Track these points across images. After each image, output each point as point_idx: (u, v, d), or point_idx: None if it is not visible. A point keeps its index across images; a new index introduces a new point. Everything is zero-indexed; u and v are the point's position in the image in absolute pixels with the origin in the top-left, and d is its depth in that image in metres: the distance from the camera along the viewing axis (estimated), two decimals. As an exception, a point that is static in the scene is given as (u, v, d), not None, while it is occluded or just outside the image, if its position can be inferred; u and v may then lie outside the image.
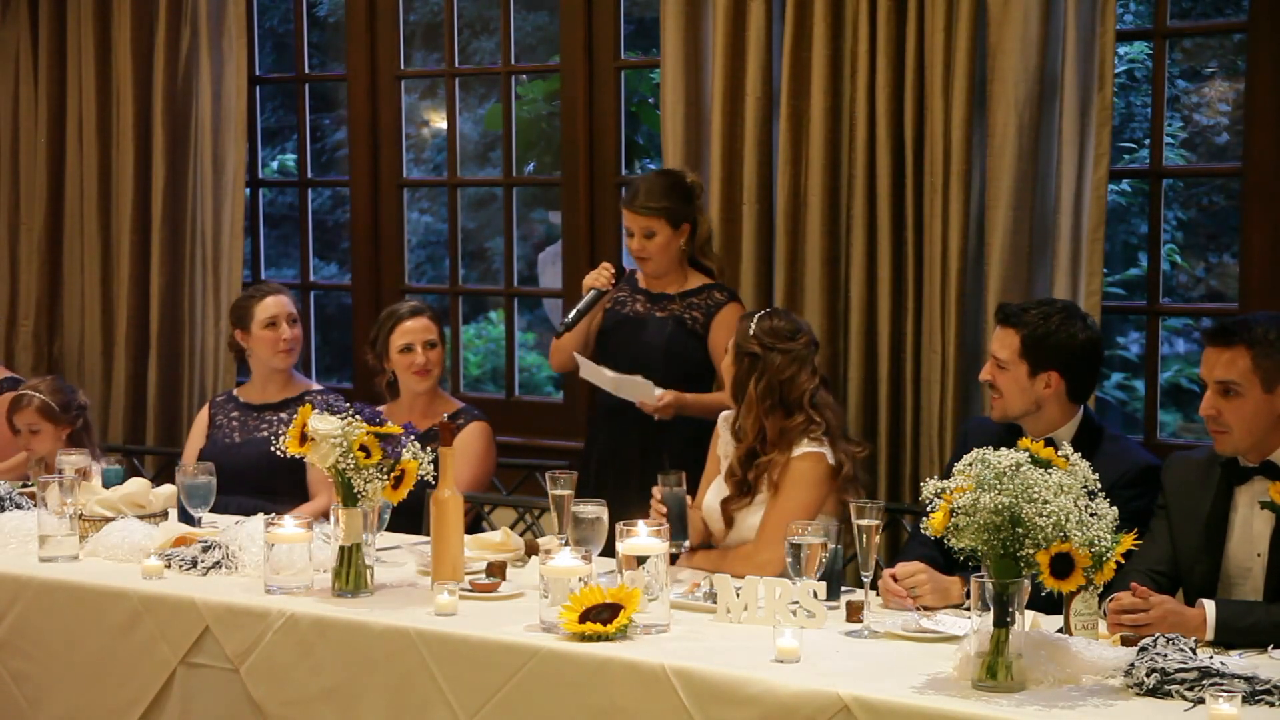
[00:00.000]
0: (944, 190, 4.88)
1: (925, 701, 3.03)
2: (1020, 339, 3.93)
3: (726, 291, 4.96)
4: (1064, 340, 3.92)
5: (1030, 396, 3.94)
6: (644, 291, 5.01)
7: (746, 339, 4.26)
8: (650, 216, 4.87)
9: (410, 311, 5.11)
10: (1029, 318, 3.94)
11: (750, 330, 4.27)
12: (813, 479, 4.17)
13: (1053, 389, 3.93)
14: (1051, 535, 3.02)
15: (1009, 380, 3.95)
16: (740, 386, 4.26)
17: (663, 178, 4.98)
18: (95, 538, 4.35)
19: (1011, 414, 3.97)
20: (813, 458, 4.18)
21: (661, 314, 4.94)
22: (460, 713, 3.53)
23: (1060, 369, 3.92)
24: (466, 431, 5.01)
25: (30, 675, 4.18)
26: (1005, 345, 3.96)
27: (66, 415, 5.40)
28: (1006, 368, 3.95)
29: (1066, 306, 4.04)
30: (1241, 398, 3.55)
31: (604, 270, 4.97)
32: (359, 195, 6.35)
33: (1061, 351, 3.92)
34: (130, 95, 6.42)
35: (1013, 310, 4.00)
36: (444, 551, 3.89)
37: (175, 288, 6.45)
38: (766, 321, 4.28)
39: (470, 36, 9.11)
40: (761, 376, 4.22)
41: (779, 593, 3.54)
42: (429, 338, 5.07)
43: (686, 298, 4.93)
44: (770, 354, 4.23)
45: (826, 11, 5.02)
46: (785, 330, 4.28)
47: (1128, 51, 7.99)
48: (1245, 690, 2.96)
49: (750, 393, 4.23)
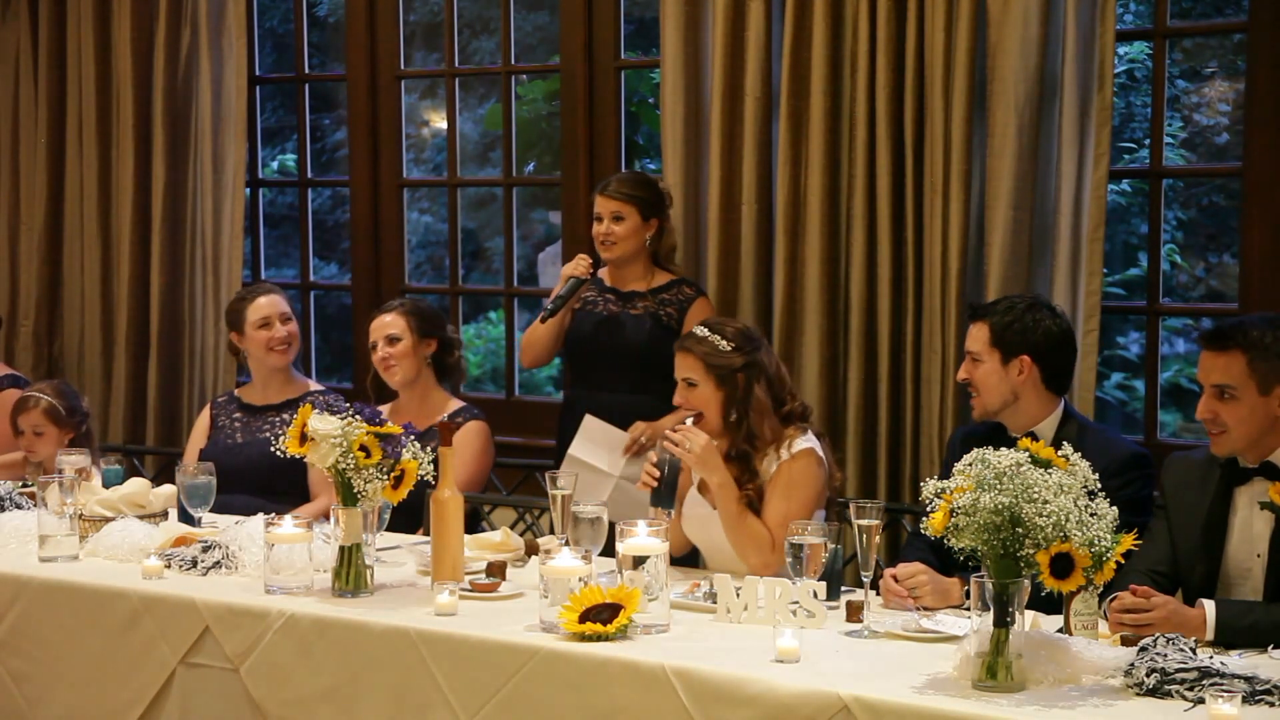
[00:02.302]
0: (944, 190, 4.88)
1: (925, 701, 3.03)
2: (989, 328, 4.01)
3: (694, 287, 5.07)
4: (1030, 325, 4.00)
5: (1006, 386, 3.99)
6: (613, 290, 5.04)
7: (726, 356, 4.13)
8: (621, 201, 4.97)
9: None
10: (997, 308, 4.05)
11: (723, 346, 4.14)
12: (810, 476, 4.13)
13: (1026, 375, 3.98)
14: (1051, 535, 3.03)
15: (985, 373, 4.01)
16: (740, 402, 4.13)
17: (638, 174, 5.16)
18: (95, 538, 4.35)
19: (991, 408, 4.01)
20: (805, 454, 4.13)
21: (635, 312, 4.98)
22: (460, 713, 3.53)
23: (1031, 353, 3.97)
24: (464, 430, 5.01)
25: (30, 675, 4.18)
26: (976, 338, 4.04)
27: (71, 420, 5.40)
28: (981, 359, 4.02)
29: (1034, 298, 4.15)
30: (1238, 401, 3.56)
31: (581, 260, 5.03)
32: (359, 195, 6.35)
33: (1029, 335, 3.99)
34: (130, 95, 6.42)
35: (980, 305, 4.12)
36: (444, 551, 3.89)
37: (175, 288, 6.46)
38: (728, 330, 4.19)
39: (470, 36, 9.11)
40: (760, 378, 4.15)
41: (779, 593, 3.54)
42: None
43: (658, 294, 5.01)
44: (757, 354, 4.17)
45: (826, 11, 5.02)
46: (745, 331, 4.23)
47: (1128, 51, 7.99)
48: (1245, 690, 2.96)
49: (760, 399, 4.13)
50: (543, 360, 5.17)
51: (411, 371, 5.08)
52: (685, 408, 4.17)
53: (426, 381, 5.11)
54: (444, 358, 5.15)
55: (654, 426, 4.80)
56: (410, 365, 5.07)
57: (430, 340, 5.11)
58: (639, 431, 4.83)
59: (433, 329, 5.12)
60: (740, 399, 4.12)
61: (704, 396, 4.14)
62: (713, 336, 4.16)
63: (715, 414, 4.14)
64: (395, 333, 5.07)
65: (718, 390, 4.13)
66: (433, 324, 5.13)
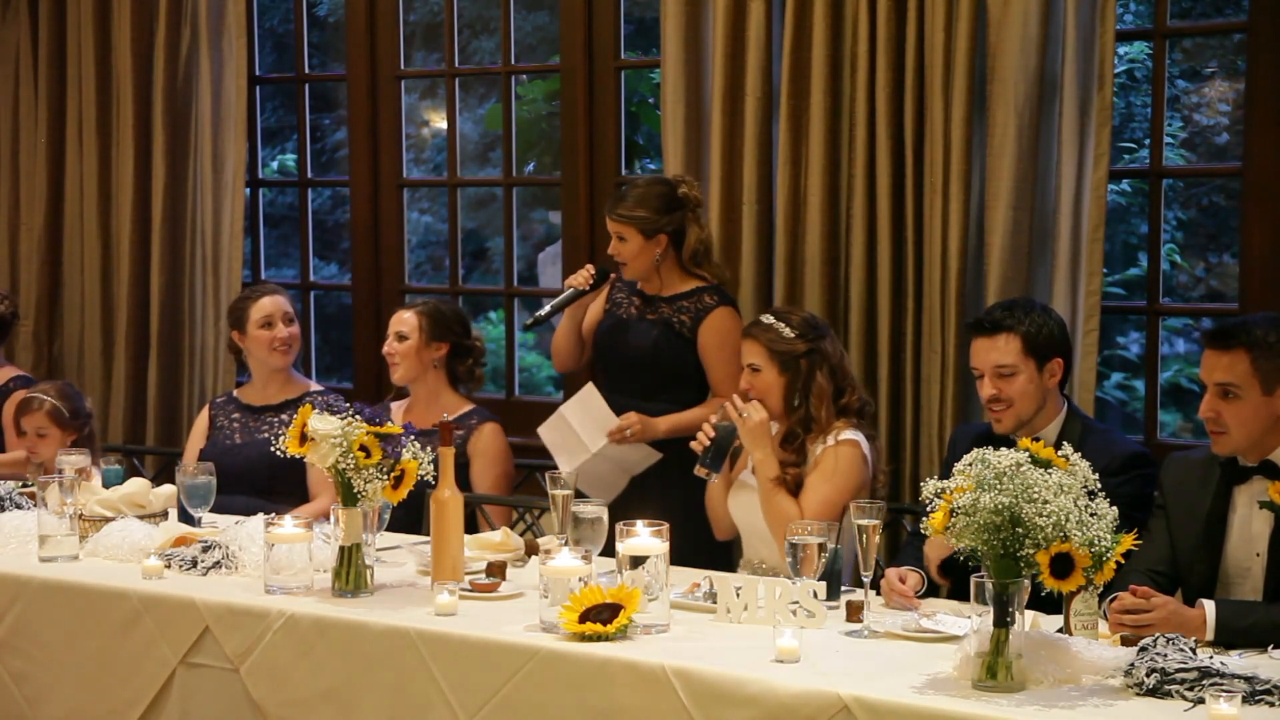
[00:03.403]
0: (944, 190, 4.88)
1: (925, 701, 3.03)
2: (1021, 337, 3.99)
3: (718, 295, 4.94)
4: (1054, 328, 4.05)
5: (1042, 393, 4.02)
6: (639, 293, 5.02)
7: (790, 343, 4.30)
8: (620, 223, 4.89)
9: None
10: (1018, 315, 4.03)
11: (785, 333, 4.31)
12: (854, 467, 4.24)
13: (1057, 377, 4.03)
14: (1051, 535, 3.03)
15: (1021, 384, 3.99)
16: (802, 388, 4.27)
17: (652, 186, 4.96)
18: (95, 538, 4.35)
19: (1027, 417, 4.01)
20: (851, 444, 4.25)
21: (651, 316, 4.95)
22: (460, 713, 3.53)
23: (1061, 354, 4.03)
24: (486, 434, 5.01)
25: (30, 675, 4.18)
26: (1007, 350, 3.99)
27: (75, 422, 5.40)
28: (1016, 371, 3.99)
29: (1028, 300, 4.21)
30: (1241, 400, 3.56)
31: (584, 271, 5.01)
32: (359, 195, 6.35)
33: (1056, 336, 4.04)
34: (130, 95, 6.42)
35: (996, 316, 4.05)
36: (444, 551, 3.89)
37: (175, 288, 6.45)
38: (794, 319, 4.35)
39: (470, 36, 9.11)
40: (823, 365, 4.30)
41: (779, 593, 3.54)
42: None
43: (675, 301, 4.93)
44: (820, 343, 4.32)
45: (826, 11, 5.02)
46: (810, 319, 4.38)
47: (1128, 51, 8.00)
48: (1245, 690, 2.96)
49: (821, 385, 4.27)
50: (570, 363, 5.14)
51: (412, 371, 5.07)
52: (751, 393, 4.32)
53: (435, 383, 5.11)
54: (455, 363, 5.14)
55: (645, 422, 4.79)
56: (412, 365, 5.07)
57: (440, 344, 5.09)
58: (629, 422, 4.80)
59: (444, 334, 5.09)
60: (802, 385, 4.29)
61: (767, 382, 4.31)
62: (777, 324, 4.32)
63: (777, 399, 4.31)
64: (404, 330, 5.08)
65: (780, 375, 4.30)
66: (445, 329, 5.10)
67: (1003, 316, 4.03)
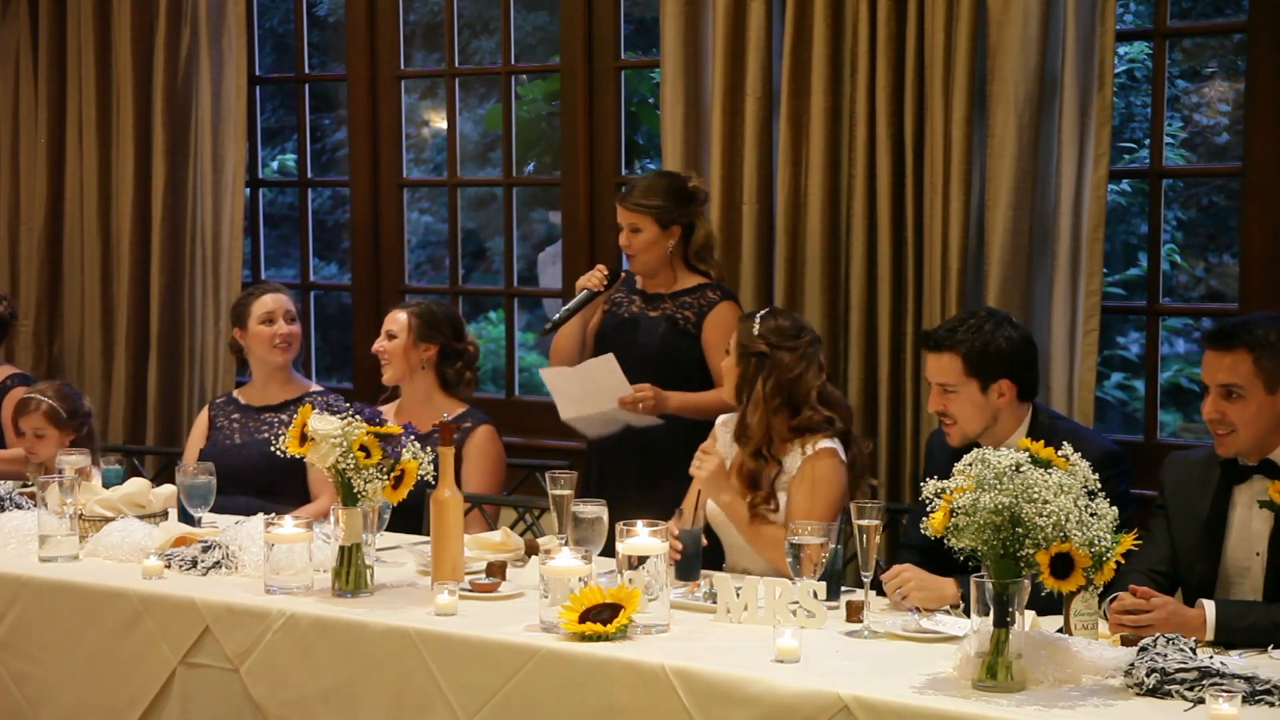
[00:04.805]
0: (944, 190, 4.88)
1: (925, 701, 3.03)
2: (961, 358, 3.90)
3: (721, 290, 4.94)
4: (1003, 346, 3.90)
5: (987, 412, 3.92)
6: (640, 292, 5.01)
7: (751, 339, 4.26)
8: (637, 212, 4.88)
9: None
10: (961, 335, 3.91)
11: (755, 330, 4.26)
12: (834, 476, 4.18)
13: (1007, 397, 3.91)
14: (1051, 535, 3.03)
15: (962, 402, 3.91)
16: (747, 386, 4.25)
17: (661, 178, 4.97)
18: (95, 538, 4.35)
19: (971, 435, 3.91)
20: (828, 453, 4.19)
21: (655, 314, 4.94)
22: (460, 713, 3.53)
23: (1009, 375, 3.90)
24: (479, 436, 5.00)
25: (30, 675, 4.18)
26: (947, 369, 3.91)
27: (73, 422, 5.39)
28: (956, 390, 3.91)
29: (990, 313, 4.02)
30: (1245, 400, 3.56)
31: (597, 272, 4.99)
32: (359, 195, 6.35)
33: (1004, 357, 3.90)
34: (130, 95, 6.42)
35: (939, 334, 3.96)
36: (444, 551, 3.89)
37: (175, 288, 6.46)
38: (771, 320, 4.28)
39: (470, 36, 9.11)
40: (770, 375, 4.22)
41: (779, 593, 3.54)
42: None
43: (679, 297, 4.93)
44: (778, 353, 4.24)
45: (826, 11, 5.02)
46: (790, 329, 4.28)
47: (1128, 51, 7.99)
48: (1245, 690, 2.96)
49: (759, 392, 4.23)
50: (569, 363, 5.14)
51: (400, 371, 5.06)
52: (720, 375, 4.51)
53: (426, 384, 5.08)
54: (444, 366, 5.10)
55: (659, 395, 4.77)
56: (400, 365, 5.05)
57: (428, 345, 5.04)
58: (645, 394, 4.77)
59: (433, 335, 5.04)
60: (746, 384, 4.27)
61: (727, 365, 4.35)
62: (755, 319, 4.30)
63: (731, 387, 4.33)
64: (394, 329, 5.07)
65: (735, 365, 4.31)
66: (435, 329, 5.05)
67: (945, 336, 3.93)
